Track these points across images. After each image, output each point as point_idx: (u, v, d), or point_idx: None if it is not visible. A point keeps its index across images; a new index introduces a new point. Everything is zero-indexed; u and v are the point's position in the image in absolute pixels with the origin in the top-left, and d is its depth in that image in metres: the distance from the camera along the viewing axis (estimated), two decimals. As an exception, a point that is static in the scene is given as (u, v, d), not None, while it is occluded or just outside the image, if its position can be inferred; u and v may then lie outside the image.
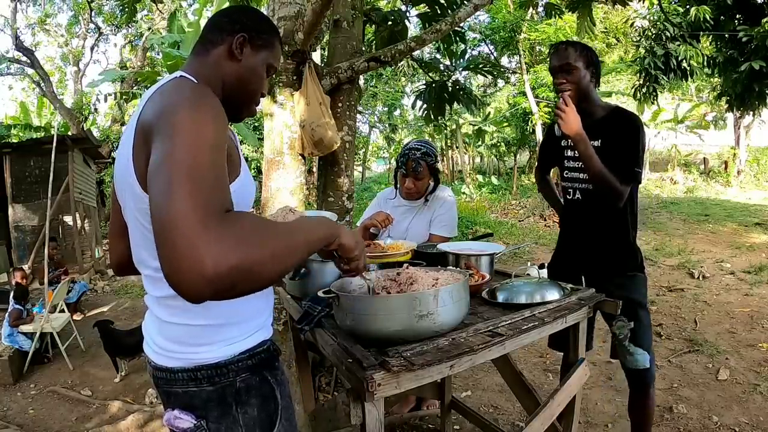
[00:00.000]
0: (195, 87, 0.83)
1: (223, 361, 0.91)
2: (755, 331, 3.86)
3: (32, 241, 7.10)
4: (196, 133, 0.72)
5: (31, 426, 3.03)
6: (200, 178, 0.67)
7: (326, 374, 2.90)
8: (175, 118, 0.74)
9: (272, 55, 1.01)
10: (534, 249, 8.23)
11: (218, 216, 0.65)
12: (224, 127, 0.79)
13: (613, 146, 1.78)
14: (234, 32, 0.95)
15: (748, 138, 18.73)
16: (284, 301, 1.77)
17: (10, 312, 4.00)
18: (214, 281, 0.61)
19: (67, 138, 7.32)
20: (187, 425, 0.91)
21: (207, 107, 0.77)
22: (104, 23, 16.41)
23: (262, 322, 0.99)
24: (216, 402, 0.91)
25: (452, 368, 1.13)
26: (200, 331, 0.91)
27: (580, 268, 1.87)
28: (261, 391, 0.95)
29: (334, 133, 2.74)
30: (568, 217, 2.06)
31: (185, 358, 0.91)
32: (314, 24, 2.61)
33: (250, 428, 0.93)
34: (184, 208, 0.63)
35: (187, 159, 0.68)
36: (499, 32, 13.85)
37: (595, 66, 1.84)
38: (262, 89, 1.03)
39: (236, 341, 0.93)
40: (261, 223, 0.74)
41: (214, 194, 0.67)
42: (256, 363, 0.95)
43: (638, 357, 1.82)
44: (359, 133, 19.59)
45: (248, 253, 0.65)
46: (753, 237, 8.33)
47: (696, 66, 6.75)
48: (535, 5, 6.88)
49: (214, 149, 0.72)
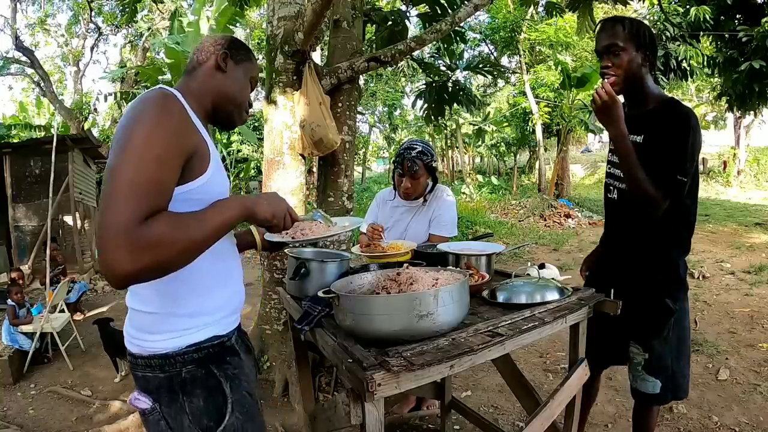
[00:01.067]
0: (159, 102, 0.94)
1: (171, 352, 1.01)
2: (755, 331, 3.86)
3: (32, 241, 7.10)
4: (144, 147, 0.86)
5: (31, 426, 3.03)
6: (134, 193, 0.82)
7: (326, 374, 2.89)
8: (128, 133, 0.88)
9: (252, 68, 1.20)
10: (534, 249, 8.24)
11: (137, 226, 0.80)
12: (180, 136, 0.93)
13: (657, 145, 1.52)
14: (217, 51, 1.14)
15: (748, 138, 18.74)
16: (284, 301, 1.77)
17: (7, 310, 4.02)
18: (127, 277, 0.80)
19: (67, 138, 7.32)
20: (145, 406, 1.02)
21: (163, 121, 0.91)
22: (104, 23, 16.41)
23: (214, 320, 1.07)
24: (166, 389, 1.01)
25: (452, 368, 1.13)
26: (152, 319, 1.02)
27: (611, 279, 1.65)
28: (206, 383, 1.03)
29: (334, 133, 2.74)
30: (607, 218, 1.84)
31: (142, 346, 1.02)
32: (314, 24, 2.61)
33: (196, 417, 1.01)
34: (111, 220, 0.80)
35: (127, 174, 0.84)
36: (499, 32, 13.86)
37: (649, 47, 1.56)
38: (248, 99, 1.20)
39: (184, 334, 1.02)
40: (174, 222, 0.86)
41: (142, 206, 0.82)
42: (203, 357, 1.03)
43: (648, 384, 1.70)
44: (359, 133, 19.58)
45: (157, 254, 0.82)
46: (753, 237, 8.33)
47: (696, 66, 6.75)
48: (536, 4, 6.87)
49: (158, 161, 0.87)
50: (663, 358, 1.68)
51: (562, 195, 13.98)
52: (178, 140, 0.92)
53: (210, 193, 1.01)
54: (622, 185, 1.67)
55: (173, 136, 0.91)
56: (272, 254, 2.84)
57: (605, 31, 1.59)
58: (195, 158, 0.97)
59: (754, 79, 5.74)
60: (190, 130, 0.98)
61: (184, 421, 1.01)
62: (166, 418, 1.01)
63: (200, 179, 0.99)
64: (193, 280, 1.03)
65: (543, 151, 14.49)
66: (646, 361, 1.68)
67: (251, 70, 1.20)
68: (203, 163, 1.00)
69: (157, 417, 1.02)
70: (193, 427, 1.01)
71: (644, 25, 1.59)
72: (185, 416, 1.01)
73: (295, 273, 1.59)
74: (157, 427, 1.02)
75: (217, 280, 1.08)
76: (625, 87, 1.60)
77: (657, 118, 1.55)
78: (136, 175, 0.84)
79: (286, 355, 2.79)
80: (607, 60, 1.59)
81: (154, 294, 1.01)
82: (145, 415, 1.03)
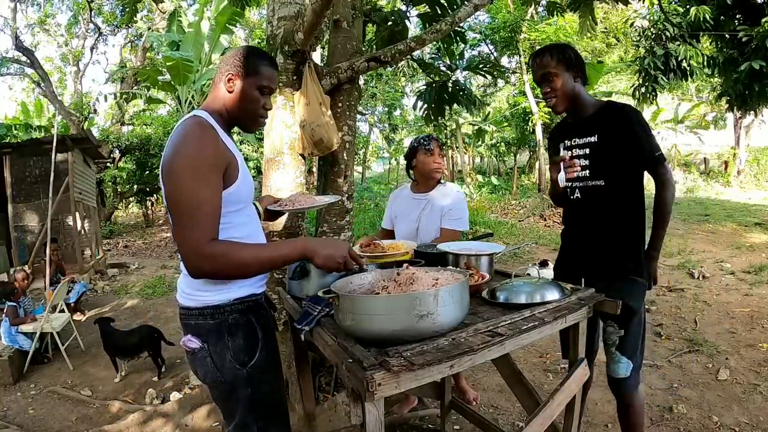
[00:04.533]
0: (197, 132, 1.21)
1: (221, 304, 1.30)
2: (755, 331, 3.86)
3: (32, 241, 7.10)
4: (194, 176, 1.16)
5: (31, 426, 3.03)
6: (199, 222, 1.16)
7: (326, 374, 2.89)
8: (175, 165, 1.18)
9: (262, 79, 1.35)
10: (534, 249, 8.24)
11: (208, 241, 1.16)
12: (218, 158, 1.21)
13: (616, 142, 1.74)
14: (226, 72, 1.33)
15: (748, 138, 18.72)
16: (284, 301, 1.77)
17: (6, 310, 4.01)
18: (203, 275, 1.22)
19: (67, 138, 7.32)
20: (195, 346, 1.31)
21: (203, 150, 1.19)
22: (104, 23, 16.40)
23: (251, 282, 1.36)
24: (215, 332, 1.30)
25: (452, 368, 1.13)
26: (205, 282, 1.30)
27: (580, 269, 1.80)
28: (246, 328, 1.33)
29: (334, 133, 2.74)
30: (570, 217, 2.02)
31: (197, 299, 1.31)
32: (314, 24, 2.61)
33: (236, 353, 1.31)
34: (189, 239, 1.16)
35: (190, 200, 1.16)
36: (499, 32, 13.87)
37: (578, 66, 1.79)
38: (262, 106, 1.38)
39: (231, 291, 1.31)
40: (235, 251, 1.20)
41: (207, 230, 1.17)
42: (244, 308, 1.33)
43: (620, 365, 1.79)
44: (359, 133, 19.58)
45: (227, 271, 1.22)
46: (753, 237, 8.33)
47: (696, 66, 6.74)
48: (537, 3, 6.87)
49: (208, 185, 1.18)
50: (636, 336, 1.80)
51: (562, 195, 13.94)
52: (216, 161, 1.21)
53: (240, 195, 1.31)
54: (584, 183, 1.85)
55: (213, 159, 1.20)
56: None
57: (537, 63, 1.82)
58: (229, 169, 1.25)
59: (754, 79, 5.73)
60: (222, 148, 1.24)
61: (227, 356, 1.30)
62: (212, 356, 1.30)
63: (233, 186, 1.27)
64: None
65: (543, 151, 14.49)
66: (621, 339, 1.78)
67: (260, 81, 1.34)
68: (234, 173, 1.27)
69: (204, 354, 1.30)
70: (233, 361, 1.30)
71: (569, 48, 1.83)
72: (228, 353, 1.30)
73: (295, 273, 1.60)
74: (203, 362, 1.31)
75: None
76: (566, 103, 1.82)
77: (605, 119, 1.78)
78: (196, 201, 1.15)
79: (286, 355, 2.79)
80: (545, 86, 1.82)
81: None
82: (194, 353, 1.32)
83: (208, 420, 2.83)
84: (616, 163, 1.77)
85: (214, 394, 1.42)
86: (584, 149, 1.85)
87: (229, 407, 1.37)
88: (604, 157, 1.78)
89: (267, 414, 1.37)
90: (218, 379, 1.32)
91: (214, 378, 1.32)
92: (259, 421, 1.35)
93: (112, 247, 11.58)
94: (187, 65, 8.88)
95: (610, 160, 1.77)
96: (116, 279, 7.83)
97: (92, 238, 8.47)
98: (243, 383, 1.32)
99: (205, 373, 1.33)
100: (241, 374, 1.31)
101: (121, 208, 16.76)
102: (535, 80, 1.86)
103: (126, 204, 16.70)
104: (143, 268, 8.73)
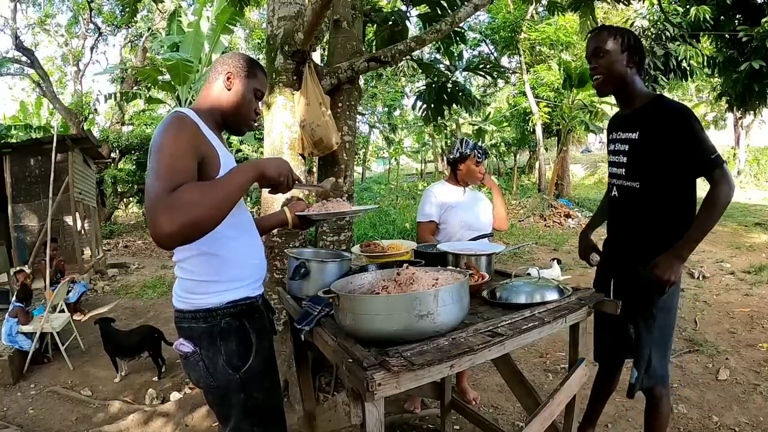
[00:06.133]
0: (175, 122, 1.18)
1: (213, 307, 1.28)
2: (755, 331, 3.86)
3: (32, 241, 7.09)
4: (164, 151, 1.12)
5: (31, 426, 3.03)
6: (163, 176, 1.07)
7: (326, 374, 2.89)
8: (155, 146, 1.14)
9: (257, 83, 1.38)
10: (534, 249, 8.23)
11: (167, 194, 1.03)
12: (192, 141, 1.17)
13: (657, 143, 1.61)
14: (224, 71, 1.34)
15: (748, 138, 18.73)
16: (284, 301, 1.77)
17: (11, 311, 4.00)
18: (171, 236, 1.00)
19: (67, 138, 7.31)
20: (188, 350, 1.29)
21: (176, 135, 1.16)
22: (104, 23, 16.40)
23: (245, 284, 1.34)
24: (207, 336, 1.28)
25: (452, 368, 1.13)
26: (198, 283, 1.29)
27: (611, 271, 1.74)
28: (239, 332, 1.31)
29: (333, 133, 2.74)
30: (610, 216, 1.91)
31: (190, 302, 1.29)
32: (314, 24, 2.61)
33: (229, 357, 1.29)
34: (152, 192, 1.04)
35: (157, 167, 1.09)
36: (499, 32, 13.86)
37: (635, 52, 1.67)
38: (254, 108, 1.39)
39: (224, 294, 1.30)
40: (199, 186, 1.09)
41: (168, 183, 1.05)
42: (237, 312, 1.31)
43: (633, 370, 1.73)
44: (359, 133, 19.59)
45: (191, 212, 1.02)
46: (753, 237, 8.33)
47: (696, 66, 6.75)
48: (538, 1, 6.86)
49: (174, 156, 1.11)
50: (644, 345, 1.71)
51: (562, 195, 13.97)
52: (189, 143, 1.16)
53: None
54: (622, 181, 1.75)
55: (185, 140, 1.16)
56: (272, 254, 2.85)
57: (593, 37, 1.74)
58: (205, 163, 1.20)
59: (754, 79, 5.74)
60: (201, 140, 1.21)
61: (219, 361, 1.28)
62: (204, 360, 1.28)
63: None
64: (230, 255, 1.30)
65: (543, 151, 14.49)
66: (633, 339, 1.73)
67: (256, 84, 1.38)
68: (213, 171, 1.22)
69: (197, 358, 1.29)
70: (226, 366, 1.28)
71: (630, 32, 1.72)
72: (220, 357, 1.28)
73: (295, 273, 1.60)
74: (195, 366, 1.30)
75: (247, 254, 1.35)
76: (612, 86, 1.72)
77: (651, 115, 1.64)
78: (161, 168, 1.08)
79: (286, 355, 2.79)
80: (594, 61, 1.72)
81: (200, 265, 1.28)
82: (187, 357, 1.30)
83: (207, 420, 2.82)
84: (655, 165, 1.64)
85: (208, 399, 1.41)
86: (624, 145, 1.74)
87: (223, 412, 1.36)
88: (641, 158, 1.66)
89: (262, 420, 1.36)
90: (211, 383, 1.31)
91: (207, 383, 1.32)
92: (254, 427, 1.34)
93: (112, 247, 11.57)
94: (186, 65, 8.89)
95: (647, 162, 1.64)
96: (116, 279, 7.83)
97: (92, 238, 8.46)
98: (236, 388, 1.31)
99: (197, 377, 1.32)
100: (234, 379, 1.30)
101: (121, 208, 16.74)
102: (587, 56, 1.76)
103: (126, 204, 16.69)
104: (143, 268, 8.73)
